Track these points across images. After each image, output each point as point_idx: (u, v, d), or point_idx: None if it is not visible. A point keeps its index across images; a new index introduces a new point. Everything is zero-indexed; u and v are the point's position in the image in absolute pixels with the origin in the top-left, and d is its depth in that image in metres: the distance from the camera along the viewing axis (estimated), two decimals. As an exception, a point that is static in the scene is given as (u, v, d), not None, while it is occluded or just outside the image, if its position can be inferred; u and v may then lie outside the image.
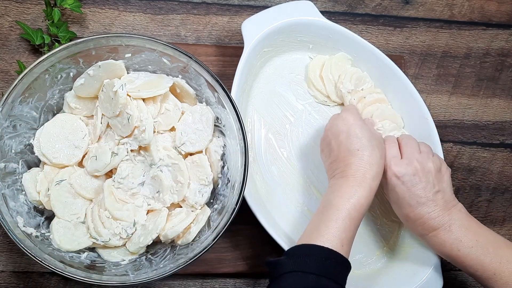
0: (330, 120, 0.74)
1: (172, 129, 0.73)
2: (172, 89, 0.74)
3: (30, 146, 0.71)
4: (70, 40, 0.79)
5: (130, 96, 0.68)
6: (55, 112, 0.73)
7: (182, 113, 0.73)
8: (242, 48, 0.78)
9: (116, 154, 0.69)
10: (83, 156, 0.71)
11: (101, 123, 0.71)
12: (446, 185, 0.73)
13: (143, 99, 0.70)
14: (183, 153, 0.72)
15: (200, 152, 0.72)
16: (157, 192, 0.71)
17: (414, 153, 0.72)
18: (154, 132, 0.70)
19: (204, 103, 0.74)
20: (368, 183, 0.67)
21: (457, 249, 0.70)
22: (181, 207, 0.72)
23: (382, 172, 0.70)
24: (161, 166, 0.70)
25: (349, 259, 0.64)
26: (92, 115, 0.73)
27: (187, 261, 0.64)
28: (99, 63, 0.69)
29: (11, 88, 0.64)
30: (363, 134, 0.70)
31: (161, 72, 0.73)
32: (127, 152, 0.70)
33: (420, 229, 0.72)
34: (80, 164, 0.72)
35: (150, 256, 0.71)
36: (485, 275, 0.68)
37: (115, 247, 0.70)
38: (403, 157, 0.72)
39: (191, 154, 0.73)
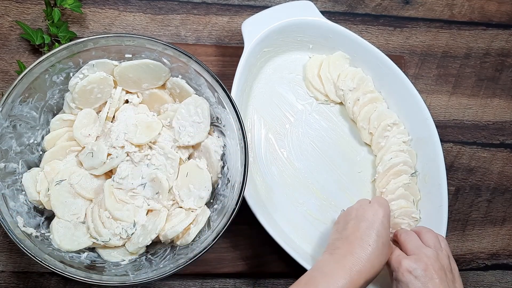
0: (361, 202, 0.71)
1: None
2: (172, 89, 0.74)
3: (30, 146, 0.71)
4: (70, 40, 0.79)
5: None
6: (55, 112, 0.73)
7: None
8: (242, 48, 0.78)
9: (116, 157, 0.70)
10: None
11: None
12: (459, 285, 0.67)
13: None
14: (183, 149, 0.73)
15: (200, 144, 0.73)
16: (156, 193, 0.71)
17: (420, 248, 0.68)
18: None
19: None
20: (358, 283, 0.62)
21: None
22: (181, 207, 0.72)
23: (373, 280, 0.65)
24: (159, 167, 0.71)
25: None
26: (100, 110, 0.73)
27: (187, 261, 0.64)
28: (93, 61, 0.69)
29: (11, 88, 0.64)
30: (382, 235, 0.66)
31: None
32: (127, 154, 0.70)
33: None
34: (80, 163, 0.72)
35: (150, 256, 0.71)
36: None
37: (115, 247, 0.70)
38: (409, 253, 0.68)
39: (193, 147, 0.73)
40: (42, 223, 0.70)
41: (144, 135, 0.71)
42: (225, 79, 0.73)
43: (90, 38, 0.67)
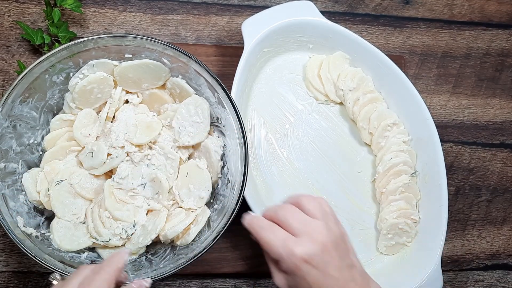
0: None
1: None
2: (172, 89, 0.74)
3: (30, 146, 0.71)
4: (70, 40, 0.79)
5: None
6: (55, 112, 0.73)
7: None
8: (242, 48, 0.78)
9: (116, 157, 0.70)
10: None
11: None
12: (353, 254, 0.58)
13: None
14: (182, 150, 0.72)
15: (200, 144, 0.73)
16: (156, 193, 0.71)
17: (307, 223, 0.55)
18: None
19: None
20: None
21: None
22: (181, 207, 0.72)
23: None
24: (160, 167, 0.71)
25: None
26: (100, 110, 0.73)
27: (187, 261, 0.64)
28: (93, 61, 0.69)
29: (11, 88, 0.64)
30: None
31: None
32: (127, 154, 0.71)
33: None
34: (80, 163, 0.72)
35: (150, 256, 0.71)
36: None
37: (115, 247, 0.70)
38: (296, 233, 0.54)
39: (193, 147, 0.74)
40: (42, 223, 0.70)
41: (144, 135, 0.71)
42: (225, 79, 0.73)
43: (90, 38, 0.67)
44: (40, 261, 0.61)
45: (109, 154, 0.70)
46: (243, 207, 0.68)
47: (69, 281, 0.50)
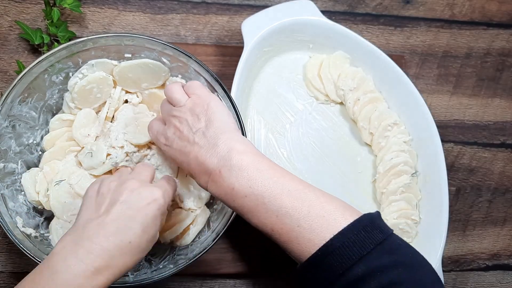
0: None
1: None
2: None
3: (29, 146, 0.71)
4: (70, 40, 0.79)
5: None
6: (55, 112, 0.73)
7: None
8: (242, 48, 0.77)
9: (115, 158, 0.69)
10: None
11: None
12: (206, 119, 0.59)
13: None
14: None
15: None
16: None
17: (168, 110, 0.63)
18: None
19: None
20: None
21: (232, 200, 0.57)
22: (181, 208, 0.71)
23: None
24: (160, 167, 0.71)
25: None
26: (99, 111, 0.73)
27: (186, 262, 0.64)
28: (92, 61, 0.69)
29: (10, 88, 0.64)
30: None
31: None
32: (126, 155, 0.70)
33: (201, 183, 0.59)
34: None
35: (149, 256, 0.71)
36: (265, 231, 0.57)
37: (115, 247, 0.69)
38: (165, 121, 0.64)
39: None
40: (41, 223, 0.69)
41: (143, 135, 0.70)
42: (225, 79, 0.73)
43: (89, 37, 0.67)
44: (39, 262, 0.61)
45: (108, 154, 0.70)
46: (243, 207, 0.68)
47: (122, 173, 0.61)
